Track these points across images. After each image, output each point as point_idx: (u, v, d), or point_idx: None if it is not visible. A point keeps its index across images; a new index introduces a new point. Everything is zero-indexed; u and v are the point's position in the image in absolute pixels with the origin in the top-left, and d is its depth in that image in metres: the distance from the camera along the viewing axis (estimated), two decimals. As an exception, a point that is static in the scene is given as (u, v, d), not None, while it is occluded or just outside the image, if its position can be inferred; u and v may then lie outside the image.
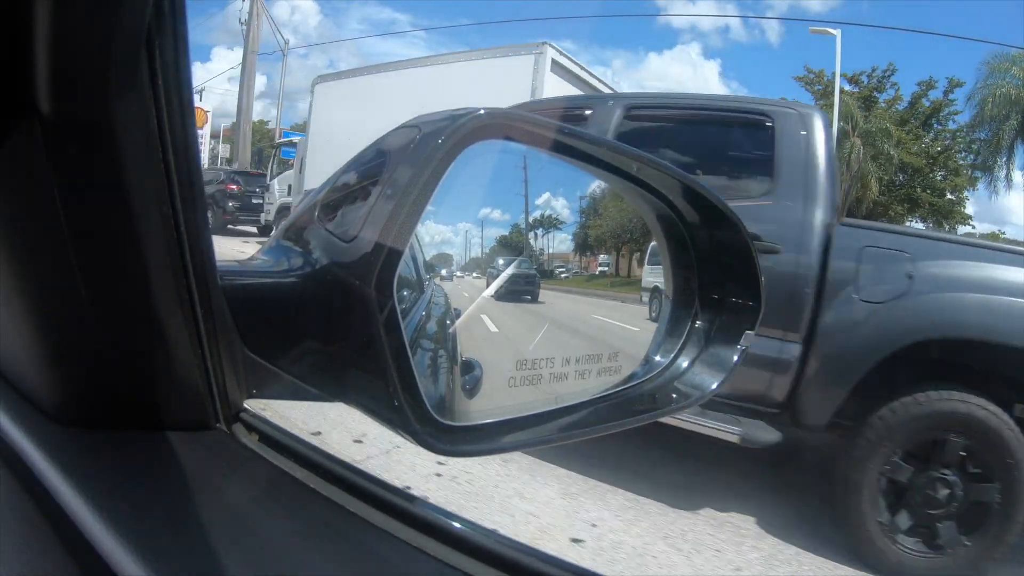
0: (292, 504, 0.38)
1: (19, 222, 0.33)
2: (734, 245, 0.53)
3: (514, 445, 0.47)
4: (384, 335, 0.36)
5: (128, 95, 0.31)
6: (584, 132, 0.48)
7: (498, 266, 0.44)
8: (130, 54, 0.31)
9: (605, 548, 1.98)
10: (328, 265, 0.39)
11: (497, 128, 0.41)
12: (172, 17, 0.32)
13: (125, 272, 0.35)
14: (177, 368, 0.37)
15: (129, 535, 0.30)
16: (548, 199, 0.49)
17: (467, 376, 0.43)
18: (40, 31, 0.28)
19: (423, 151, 0.38)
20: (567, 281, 0.51)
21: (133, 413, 0.38)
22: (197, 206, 0.36)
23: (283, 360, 0.40)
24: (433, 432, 0.39)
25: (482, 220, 0.45)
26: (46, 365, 0.36)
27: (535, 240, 0.47)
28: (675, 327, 0.56)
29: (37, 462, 0.34)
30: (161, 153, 0.33)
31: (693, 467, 2.63)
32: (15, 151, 0.31)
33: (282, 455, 0.41)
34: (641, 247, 0.55)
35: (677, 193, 0.54)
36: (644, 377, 0.54)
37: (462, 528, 0.38)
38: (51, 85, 0.30)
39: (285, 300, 0.40)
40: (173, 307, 0.36)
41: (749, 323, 0.53)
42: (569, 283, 0.51)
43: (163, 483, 0.36)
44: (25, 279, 0.34)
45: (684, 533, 2.13)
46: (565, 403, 0.48)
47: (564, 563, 0.39)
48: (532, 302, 0.48)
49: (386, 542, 0.36)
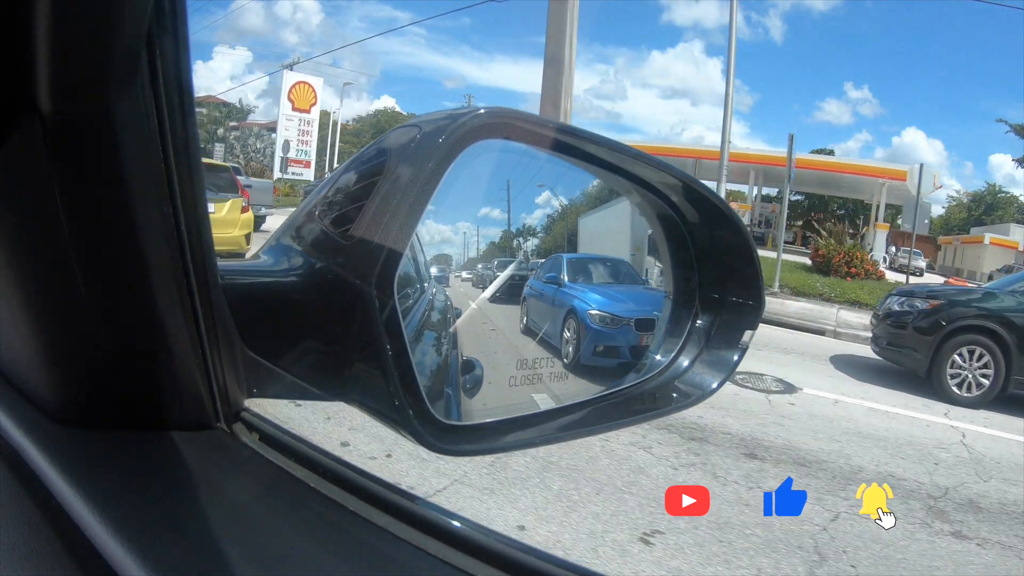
0: (293, 503, 0.38)
1: (19, 221, 0.33)
2: (735, 245, 0.53)
3: (514, 444, 0.47)
4: (385, 335, 0.36)
5: (129, 94, 0.31)
6: (584, 131, 0.48)
7: (494, 267, 0.44)
8: (131, 53, 0.31)
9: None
10: (329, 264, 0.39)
11: (497, 127, 0.41)
12: (173, 16, 0.32)
13: (125, 272, 0.34)
14: (177, 368, 0.37)
15: (130, 535, 0.30)
16: (548, 198, 0.49)
17: (467, 375, 0.43)
18: (41, 30, 0.28)
19: (423, 150, 0.38)
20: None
21: (133, 413, 0.38)
22: (197, 205, 0.36)
23: (284, 359, 0.40)
24: (434, 431, 0.39)
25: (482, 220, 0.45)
26: (46, 365, 0.36)
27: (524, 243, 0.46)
28: (675, 326, 0.56)
29: (37, 462, 0.34)
30: (162, 152, 0.33)
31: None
32: (16, 150, 0.31)
33: (283, 454, 0.41)
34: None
35: (678, 193, 0.53)
36: (644, 376, 0.54)
37: (462, 527, 0.38)
38: (52, 84, 0.30)
39: (285, 299, 0.40)
40: (173, 306, 0.36)
41: (750, 322, 0.53)
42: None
43: (163, 483, 0.36)
44: (25, 278, 0.34)
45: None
46: (565, 403, 0.48)
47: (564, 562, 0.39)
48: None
49: (387, 541, 0.36)
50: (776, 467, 2.88)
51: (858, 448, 3.27)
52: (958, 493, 2.80)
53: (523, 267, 0.46)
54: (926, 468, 3.09)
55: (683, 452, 2.89)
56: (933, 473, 3.03)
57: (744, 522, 2.25)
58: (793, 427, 3.48)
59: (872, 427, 3.71)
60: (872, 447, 3.32)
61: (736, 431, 3.25)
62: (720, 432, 3.18)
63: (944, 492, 2.80)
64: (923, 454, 3.31)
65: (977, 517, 2.57)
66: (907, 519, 2.46)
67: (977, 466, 3.21)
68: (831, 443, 3.29)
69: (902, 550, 2.21)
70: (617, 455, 2.73)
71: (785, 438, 3.27)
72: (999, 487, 2.94)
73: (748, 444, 3.10)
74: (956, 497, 2.75)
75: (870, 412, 4.06)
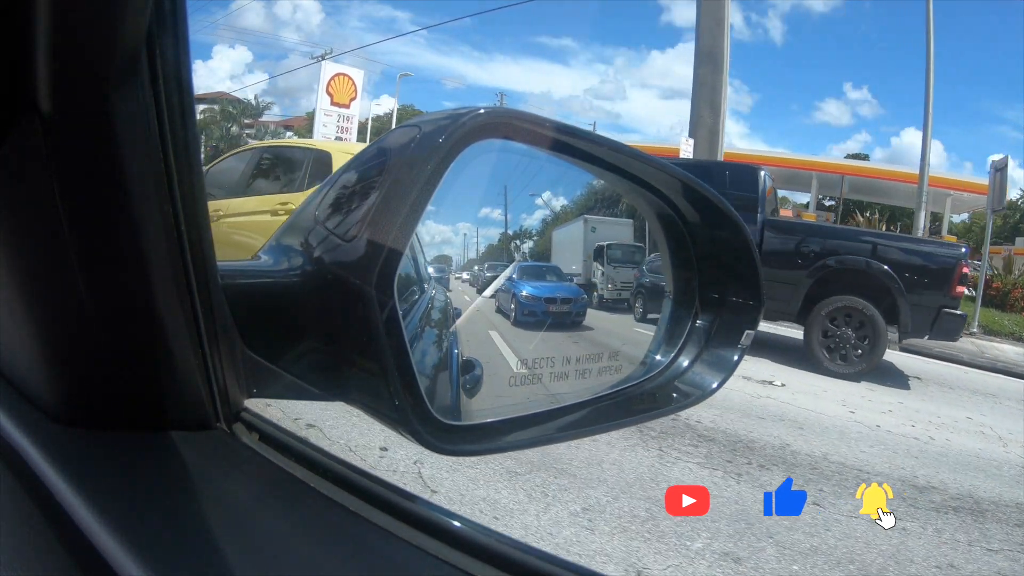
0: (293, 503, 0.38)
1: (19, 221, 0.33)
2: (735, 244, 0.53)
3: (515, 444, 0.47)
4: (384, 334, 0.36)
5: (129, 94, 0.31)
6: (584, 131, 0.48)
7: (485, 269, 0.45)
8: (131, 53, 0.31)
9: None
10: (329, 264, 0.39)
11: (498, 127, 0.41)
12: (173, 16, 0.32)
13: (125, 271, 0.34)
14: (177, 367, 0.37)
15: (129, 535, 0.30)
16: (549, 198, 0.49)
17: (467, 375, 0.43)
18: (41, 29, 0.28)
19: (424, 150, 0.38)
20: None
21: (133, 413, 0.38)
22: (198, 205, 0.36)
23: (284, 359, 0.40)
24: (434, 431, 0.39)
25: (482, 220, 0.45)
26: (46, 364, 0.36)
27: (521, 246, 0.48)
28: (675, 326, 0.56)
29: (37, 462, 0.34)
30: (162, 152, 0.33)
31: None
32: (15, 150, 0.31)
33: (283, 454, 0.41)
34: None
35: (678, 193, 0.54)
36: (644, 376, 0.54)
37: (462, 527, 0.38)
38: (52, 83, 0.30)
39: (286, 299, 0.40)
40: (173, 306, 0.36)
41: (750, 322, 0.53)
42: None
43: (163, 483, 0.36)
44: (25, 278, 0.34)
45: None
46: (565, 403, 0.48)
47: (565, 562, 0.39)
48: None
49: (387, 541, 0.36)
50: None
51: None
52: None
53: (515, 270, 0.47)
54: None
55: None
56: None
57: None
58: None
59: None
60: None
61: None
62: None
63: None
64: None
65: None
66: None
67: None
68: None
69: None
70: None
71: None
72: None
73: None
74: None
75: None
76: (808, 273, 4.98)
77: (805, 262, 5.01)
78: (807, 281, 4.98)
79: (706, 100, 6.60)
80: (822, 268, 4.97)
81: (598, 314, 0.50)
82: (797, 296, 4.97)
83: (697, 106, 6.60)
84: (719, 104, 6.44)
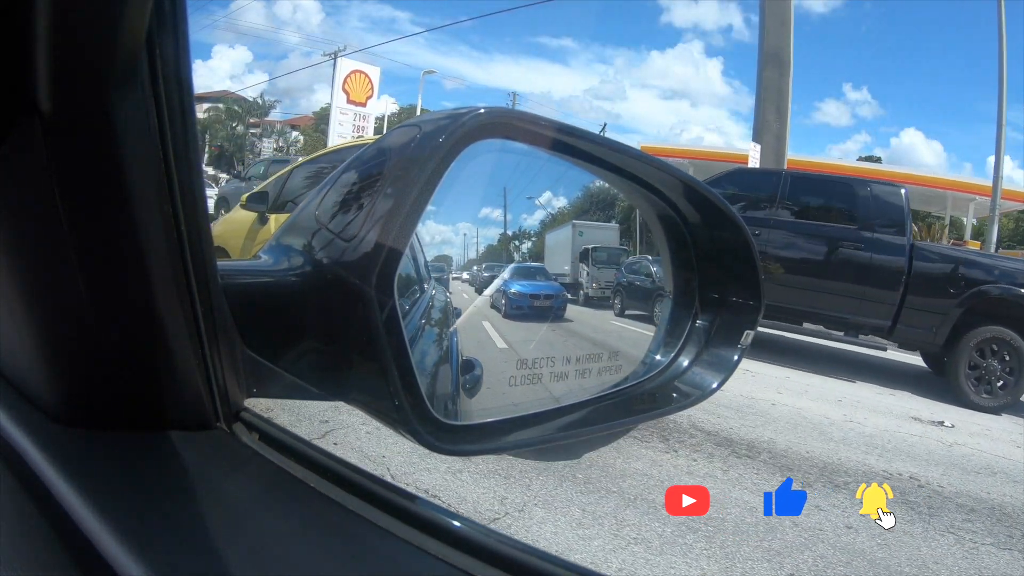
0: (293, 503, 0.38)
1: (19, 221, 0.33)
2: (735, 245, 0.53)
3: (515, 444, 0.47)
4: (384, 334, 0.36)
5: (129, 94, 0.31)
6: (585, 131, 0.48)
7: (482, 270, 0.45)
8: (131, 53, 0.31)
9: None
10: (329, 264, 0.39)
11: (498, 127, 0.41)
12: (173, 16, 0.32)
13: (125, 271, 0.34)
14: (177, 367, 0.37)
15: (129, 535, 0.30)
16: (549, 198, 0.49)
17: (467, 375, 0.43)
18: (41, 29, 0.28)
19: (424, 150, 0.38)
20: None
21: (133, 413, 0.38)
22: (197, 205, 0.36)
23: (284, 359, 0.40)
24: (434, 431, 0.39)
25: (482, 220, 0.45)
26: (46, 364, 0.36)
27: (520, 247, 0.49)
28: (675, 326, 0.56)
29: (37, 462, 0.34)
30: (161, 152, 0.33)
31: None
32: (15, 150, 0.31)
33: (282, 454, 0.41)
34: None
35: (679, 193, 0.54)
36: (644, 376, 0.54)
37: (462, 527, 0.38)
38: (52, 84, 0.30)
39: (286, 299, 0.40)
40: (173, 306, 0.36)
41: (749, 322, 0.53)
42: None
43: (163, 483, 0.36)
44: (25, 278, 0.34)
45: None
46: (565, 402, 0.48)
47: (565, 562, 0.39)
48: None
49: (387, 541, 0.36)
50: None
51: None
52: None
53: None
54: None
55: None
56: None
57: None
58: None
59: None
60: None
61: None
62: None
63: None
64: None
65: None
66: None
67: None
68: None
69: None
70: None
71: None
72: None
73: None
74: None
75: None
76: (959, 303, 4.52)
77: (956, 291, 4.55)
78: (956, 311, 4.53)
79: (772, 104, 6.21)
80: (975, 296, 4.52)
81: (582, 310, 0.54)
82: (945, 325, 4.54)
83: (762, 110, 6.23)
84: (786, 108, 6.12)
